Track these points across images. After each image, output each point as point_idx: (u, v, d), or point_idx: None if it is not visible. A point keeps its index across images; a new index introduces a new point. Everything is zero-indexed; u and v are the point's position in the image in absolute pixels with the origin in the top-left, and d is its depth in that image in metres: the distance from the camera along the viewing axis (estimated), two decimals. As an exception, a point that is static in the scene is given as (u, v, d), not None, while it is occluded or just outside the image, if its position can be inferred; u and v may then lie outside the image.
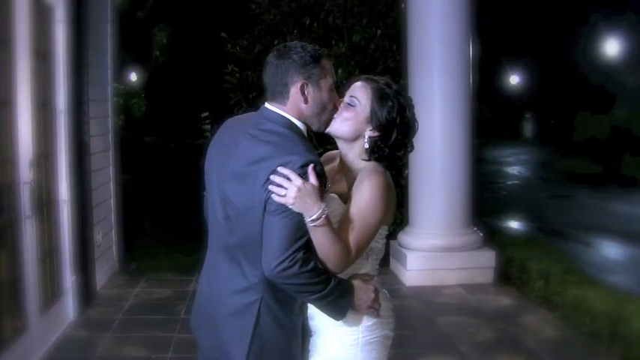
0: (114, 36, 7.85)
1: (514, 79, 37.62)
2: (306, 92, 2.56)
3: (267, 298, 2.57)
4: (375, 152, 2.70)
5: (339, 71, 8.34)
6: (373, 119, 2.67)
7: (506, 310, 6.52)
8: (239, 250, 2.60)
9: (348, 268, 2.62)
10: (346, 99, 2.69)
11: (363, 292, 2.64)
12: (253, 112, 2.73)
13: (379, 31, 8.61)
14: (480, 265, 7.36)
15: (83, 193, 6.35)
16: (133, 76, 13.93)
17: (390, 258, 7.87)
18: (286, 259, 2.43)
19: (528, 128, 37.67)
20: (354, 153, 2.72)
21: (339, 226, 2.55)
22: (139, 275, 7.59)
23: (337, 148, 2.80)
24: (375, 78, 2.73)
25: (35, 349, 5.09)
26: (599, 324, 5.57)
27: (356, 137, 2.69)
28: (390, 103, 2.68)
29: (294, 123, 2.58)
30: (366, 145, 2.69)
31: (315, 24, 8.69)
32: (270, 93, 2.62)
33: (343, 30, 8.67)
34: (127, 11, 8.96)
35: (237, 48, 8.89)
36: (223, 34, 9.07)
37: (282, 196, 2.41)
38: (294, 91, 2.56)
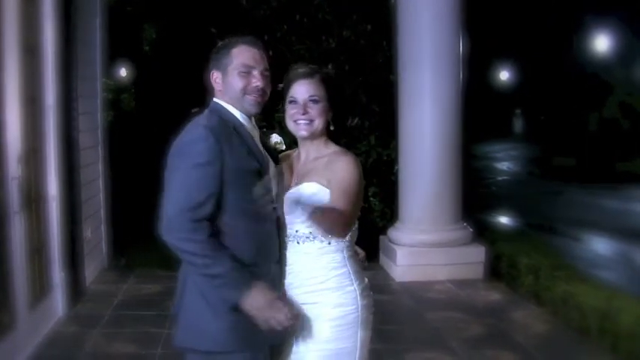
0: (103, 31, 7.81)
1: (504, 75, 37.67)
2: (215, 79, 2.79)
3: (194, 275, 2.68)
4: (337, 126, 2.90)
5: (329, 67, 8.32)
6: (334, 102, 2.87)
7: (495, 306, 6.54)
8: None
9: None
10: (304, 99, 2.82)
11: (256, 295, 2.61)
12: None
13: (369, 27, 8.61)
14: (469, 260, 7.37)
15: (72, 189, 6.33)
16: (123, 72, 13.88)
17: (380, 253, 7.88)
18: (175, 219, 2.55)
19: (518, 124, 37.74)
20: (319, 142, 2.89)
21: (334, 202, 2.70)
22: (129, 271, 7.58)
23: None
24: (311, 67, 2.90)
25: (24, 345, 5.07)
26: (588, 319, 5.59)
27: (327, 127, 2.87)
28: (335, 80, 2.92)
29: (224, 107, 2.77)
30: (332, 128, 2.88)
31: (305, 19, 8.67)
32: None
33: (333, 25, 8.66)
34: (116, 5, 8.92)
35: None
36: (213, 30, 9.04)
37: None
38: (211, 81, 2.81)
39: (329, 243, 2.78)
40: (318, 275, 2.78)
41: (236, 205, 2.65)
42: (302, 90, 2.82)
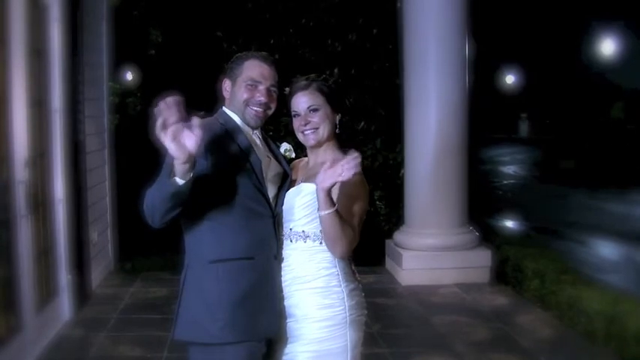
0: (109, 34, 7.83)
1: (510, 79, 37.67)
2: (225, 87, 2.96)
3: (193, 266, 2.90)
4: (345, 130, 2.99)
5: (335, 71, 8.33)
6: (335, 106, 2.96)
7: (501, 310, 6.53)
8: None
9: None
10: (304, 110, 2.92)
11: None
12: None
13: (375, 31, 8.62)
14: (475, 264, 7.36)
15: (78, 192, 6.34)
16: (129, 75, 13.90)
17: (386, 257, 7.88)
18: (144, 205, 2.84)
19: (524, 128, 37.71)
20: (326, 146, 2.97)
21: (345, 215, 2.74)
22: (135, 274, 7.58)
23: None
24: (308, 78, 2.98)
25: (30, 348, 5.08)
26: (594, 323, 5.58)
27: (333, 131, 2.95)
28: (331, 84, 2.99)
29: (227, 115, 2.93)
30: (338, 131, 2.97)
31: (311, 23, 8.69)
32: None
33: (339, 29, 8.68)
34: (122, 9, 8.94)
35: (234, 47, 8.89)
36: (219, 34, 9.08)
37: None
38: (222, 88, 2.98)
39: (320, 243, 2.84)
40: (307, 274, 2.86)
41: (226, 199, 2.76)
42: (301, 102, 2.93)
